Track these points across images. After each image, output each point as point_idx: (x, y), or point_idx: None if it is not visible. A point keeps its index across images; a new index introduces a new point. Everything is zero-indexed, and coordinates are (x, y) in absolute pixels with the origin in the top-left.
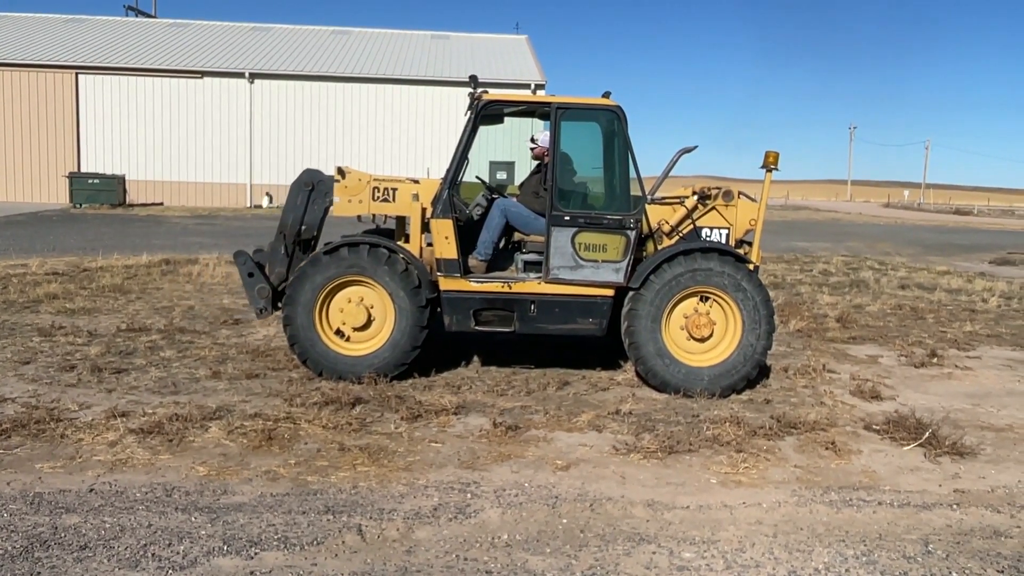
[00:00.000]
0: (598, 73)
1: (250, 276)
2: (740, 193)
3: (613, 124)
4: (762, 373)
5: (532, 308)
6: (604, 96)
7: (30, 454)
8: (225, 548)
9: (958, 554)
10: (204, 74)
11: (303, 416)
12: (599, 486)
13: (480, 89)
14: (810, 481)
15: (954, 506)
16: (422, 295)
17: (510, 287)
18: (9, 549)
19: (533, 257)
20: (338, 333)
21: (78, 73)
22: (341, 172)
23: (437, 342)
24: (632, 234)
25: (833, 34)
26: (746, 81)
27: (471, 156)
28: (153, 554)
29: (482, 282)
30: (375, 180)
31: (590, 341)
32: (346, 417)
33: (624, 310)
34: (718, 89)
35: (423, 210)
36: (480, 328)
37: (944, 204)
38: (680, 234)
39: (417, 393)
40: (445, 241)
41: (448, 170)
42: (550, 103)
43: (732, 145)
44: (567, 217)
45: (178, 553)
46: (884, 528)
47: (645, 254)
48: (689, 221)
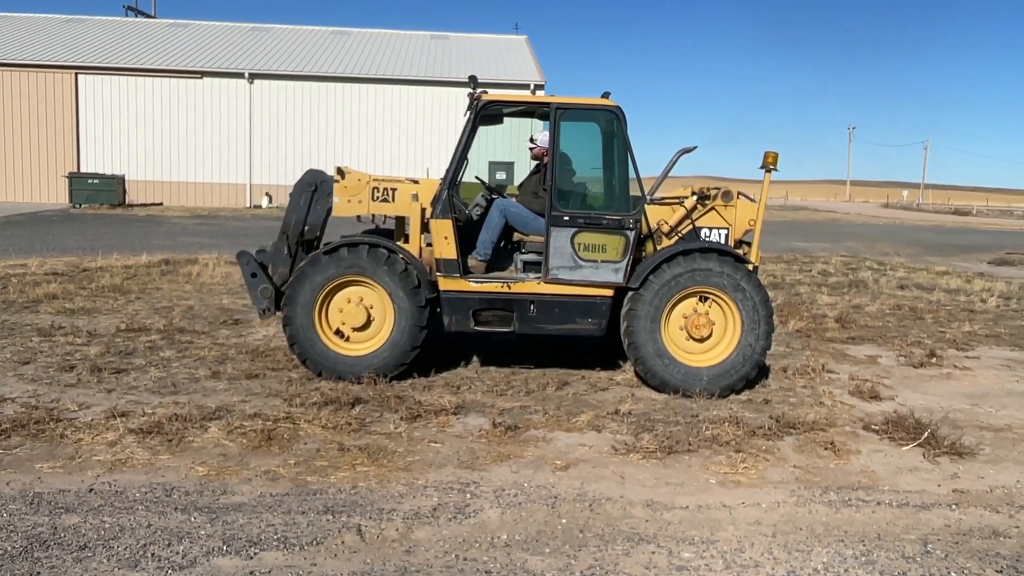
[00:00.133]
0: (597, 73)
1: (253, 276)
2: (739, 193)
3: (612, 124)
4: (761, 373)
5: (531, 308)
6: (603, 96)
7: (29, 454)
8: (224, 548)
9: (957, 554)
10: (204, 74)
11: (302, 416)
12: (598, 486)
13: (479, 89)
14: (809, 481)
15: (953, 506)
16: (421, 295)
17: (509, 287)
18: (8, 549)
19: (532, 257)
20: (338, 333)
21: (78, 73)
22: (341, 172)
23: (436, 342)
24: (631, 234)
25: (832, 34)
26: (745, 81)
27: (470, 156)
28: (153, 554)
29: (481, 282)
30: (375, 180)
31: (589, 341)
32: (345, 417)
33: (623, 310)
34: (717, 90)
35: (422, 210)
36: (479, 328)
37: (943, 204)
38: (679, 234)
39: (416, 393)
40: (444, 241)
41: (447, 170)
42: (549, 103)
43: (730, 144)
44: (566, 217)
45: (177, 553)
46: (883, 528)
47: (644, 254)
48: (688, 221)
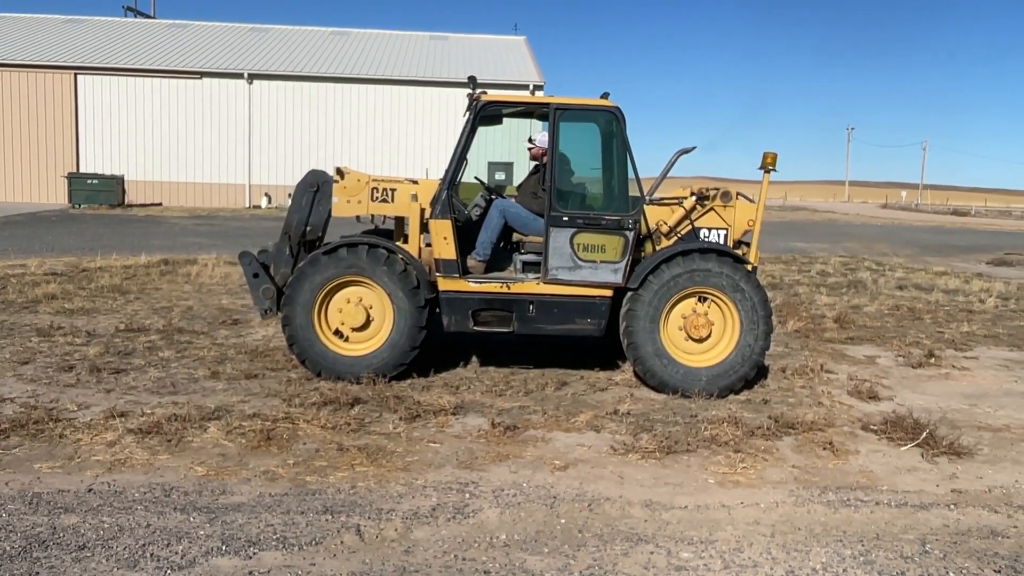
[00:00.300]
0: (597, 74)
1: (255, 277)
2: (738, 194)
3: (612, 125)
4: (760, 373)
5: (531, 308)
6: (603, 97)
7: (28, 454)
8: (224, 548)
9: (955, 554)
10: (203, 75)
11: (302, 416)
12: (597, 486)
13: (479, 90)
14: (808, 481)
15: (951, 506)
16: (421, 295)
17: (509, 287)
18: (7, 549)
19: (532, 258)
20: (337, 333)
21: (77, 73)
22: (340, 173)
23: (436, 342)
24: (630, 235)
25: (831, 35)
26: (744, 82)
27: (470, 157)
28: (152, 554)
29: (481, 282)
30: (374, 180)
31: (588, 341)
32: (345, 417)
33: (622, 310)
34: (716, 90)
35: (422, 211)
36: (479, 328)
37: (942, 205)
38: (678, 235)
39: (416, 393)
40: (444, 242)
41: (447, 171)
42: (549, 104)
43: (730, 143)
44: (566, 218)
45: (176, 553)
46: (881, 528)
47: (643, 255)
48: (687, 222)
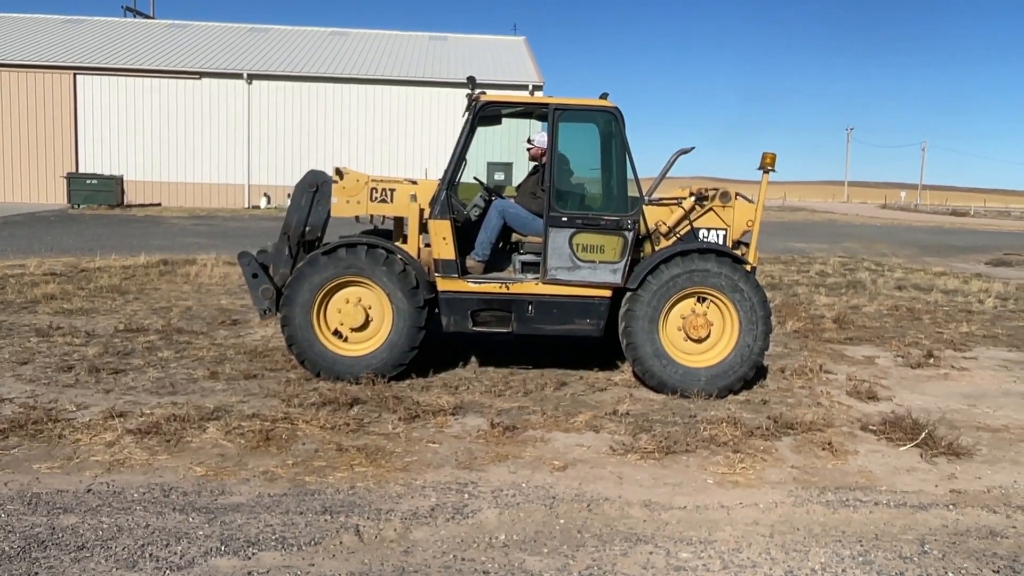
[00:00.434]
0: (596, 74)
1: (254, 277)
2: (737, 194)
3: (611, 125)
4: (759, 374)
5: (530, 309)
6: (602, 97)
7: (28, 454)
8: (223, 548)
9: (954, 554)
10: (202, 75)
11: (301, 416)
12: (596, 486)
13: (478, 90)
14: (807, 481)
15: (950, 506)
16: (420, 296)
17: (508, 288)
18: (6, 549)
19: (531, 258)
20: (336, 334)
21: (76, 74)
22: (339, 173)
23: (435, 343)
24: (630, 235)
25: (831, 35)
26: (743, 82)
27: (469, 157)
28: (151, 554)
29: (480, 283)
30: (373, 181)
31: (588, 342)
32: (344, 417)
33: (622, 311)
34: (716, 91)
35: (421, 211)
36: (478, 329)
37: (941, 205)
38: (677, 235)
39: (415, 394)
40: (443, 242)
41: (446, 171)
42: (548, 104)
43: (729, 144)
44: (565, 218)
45: (176, 553)
46: (880, 528)
47: (642, 255)
48: (686, 222)
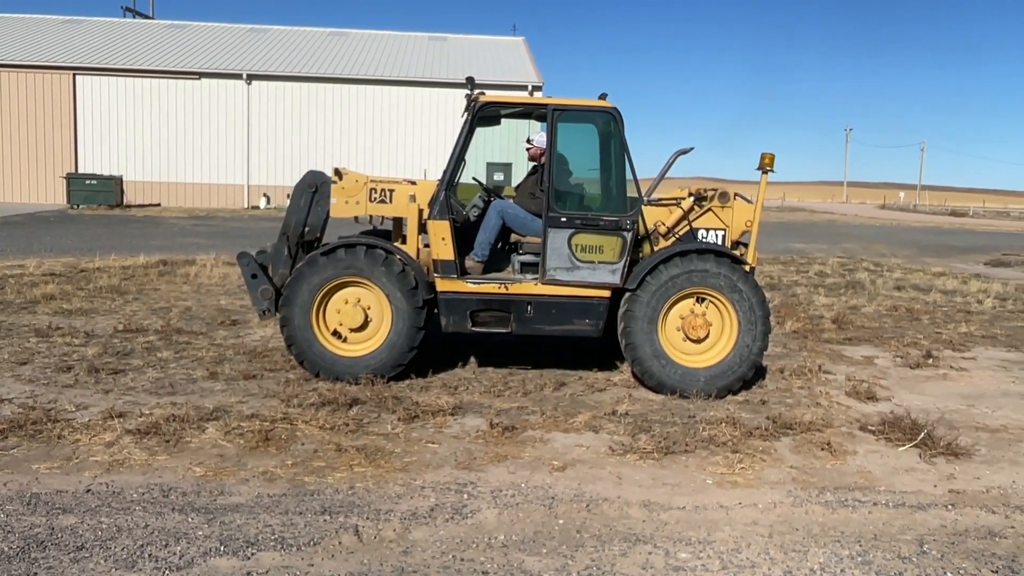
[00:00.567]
0: (595, 75)
1: (253, 277)
2: (736, 194)
3: (610, 126)
4: (758, 374)
5: (529, 309)
6: (601, 98)
7: (27, 455)
8: (222, 549)
9: (953, 554)
10: (202, 75)
11: (300, 417)
12: (595, 487)
13: (477, 91)
14: (806, 482)
15: (949, 506)
16: (419, 296)
17: (507, 288)
18: (6, 550)
19: (530, 258)
20: (335, 334)
21: (76, 74)
22: (338, 173)
23: (434, 343)
24: (628, 235)
25: (829, 36)
26: (743, 83)
27: (468, 157)
28: (150, 555)
29: (479, 283)
30: (372, 181)
31: (587, 342)
32: (343, 418)
33: (621, 311)
34: (715, 91)
35: (420, 211)
36: (477, 329)
37: (940, 206)
38: (676, 235)
39: (414, 394)
40: (442, 242)
41: (445, 171)
42: (547, 105)
43: (728, 144)
44: (564, 218)
45: (175, 554)
46: (879, 528)
47: (641, 255)
48: (685, 222)
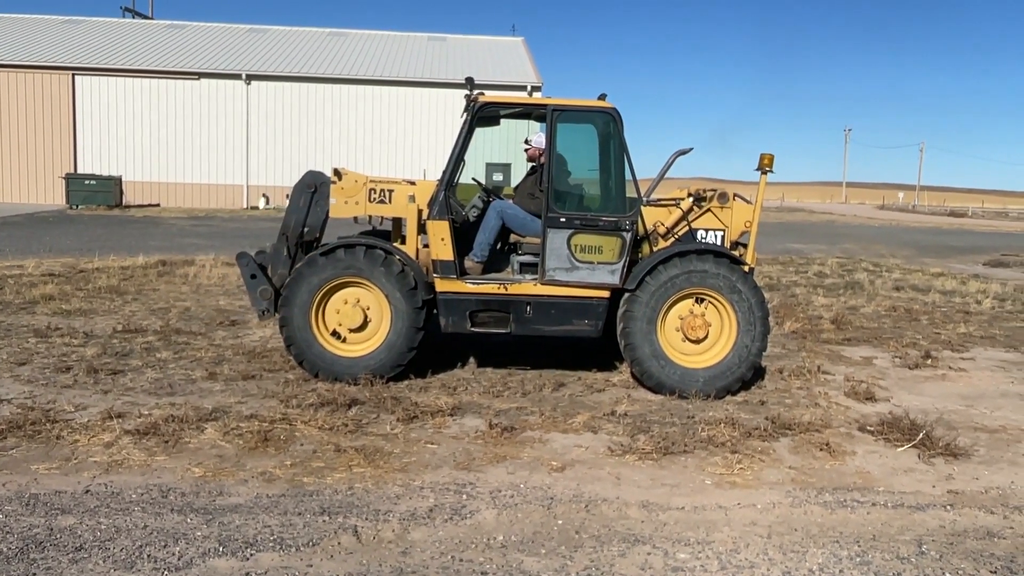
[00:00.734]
0: (594, 75)
1: (252, 278)
2: (735, 195)
3: (609, 126)
4: (757, 374)
5: (528, 309)
6: (600, 98)
7: (26, 455)
8: (221, 549)
9: (952, 555)
10: (201, 75)
11: (299, 417)
12: (594, 487)
13: (476, 91)
14: (804, 482)
15: (948, 507)
16: (418, 296)
17: (506, 289)
18: (4, 550)
19: (529, 259)
20: (334, 334)
21: (75, 74)
22: (338, 173)
23: (433, 344)
24: (628, 236)
25: (828, 37)
26: (742, 84)
27: (467, 158)
28: (149, 555)
29: (478, 284)
30: (371, 181)
31: (586, 342)
32: (342, 418)
33: (620, 311)
34: (714, 92)
35: (419, 212)
36: (476, 329)
37: (938, 206)
38: (676, 236)
39: (413, 394)
40: (441, 243)
41: (444, 172)
42: (546, 105)
43: (727, 145)
44: (563, 219)
45: (174, 554)
46: (878, 529)
47: (641, 256)
48: (684, 223)
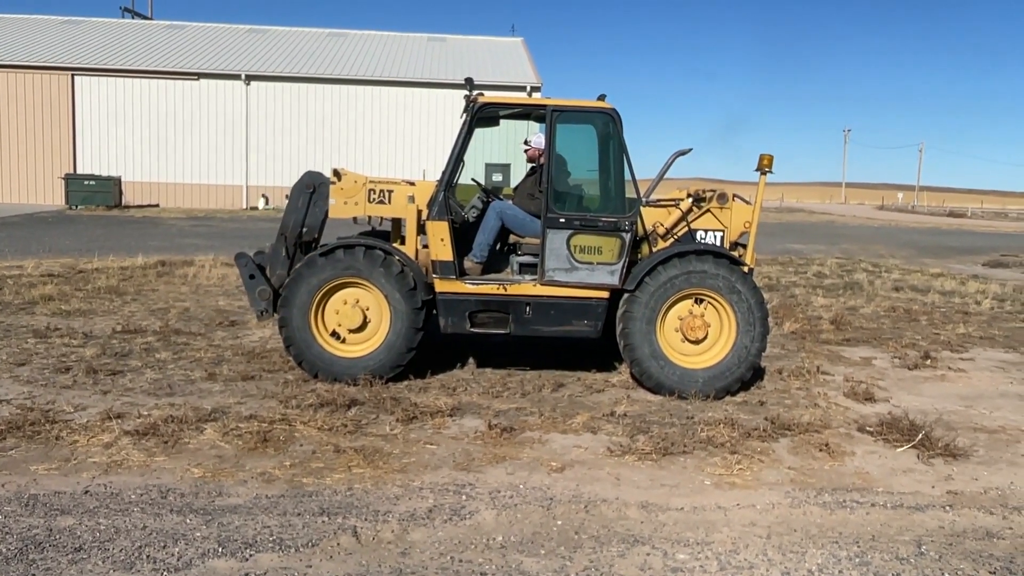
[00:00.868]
0: (594, 76)
1: (251, 278)
2: (734, 195)
3: (608, 127)
4: (756, 375)
5: (527, 310)
6: (599, 99)
7: (25, 456)
8: (220, 550)
9: (951, 555)
10: (200, 76)
11: (298, 418)
12: (594, 488)
13: (476, 91)
14: (804, 483)
15: (947, 507)
16: (418, 297)
17: (505, 289)
18: (4, 551)
19: (528, 259)
20: (334, 335)
21: (74, 74)
22: (337, 174)
23: (432, 344)
24: (627, 236)
25: (828, 37)
26: (741, 84)
27: (467, 158)
28: (148, 556)
29: (477, 284)
30: (371, 182)
31: (585, 343)
32: (341, 419)
33: (619, 312)
34: (713, 92)
35: (419, 212)
36: (475, 330)
37: (938, 206)
38: (675, 236)
39: (412, 395)
40: (441, 243)
41: (444, 172)
42: (545, 105)
43: (726, 146)
44: (562, 219)
45: (173, 555)
46: (877, 529)
47: (640, 256)
48: (684, 223)
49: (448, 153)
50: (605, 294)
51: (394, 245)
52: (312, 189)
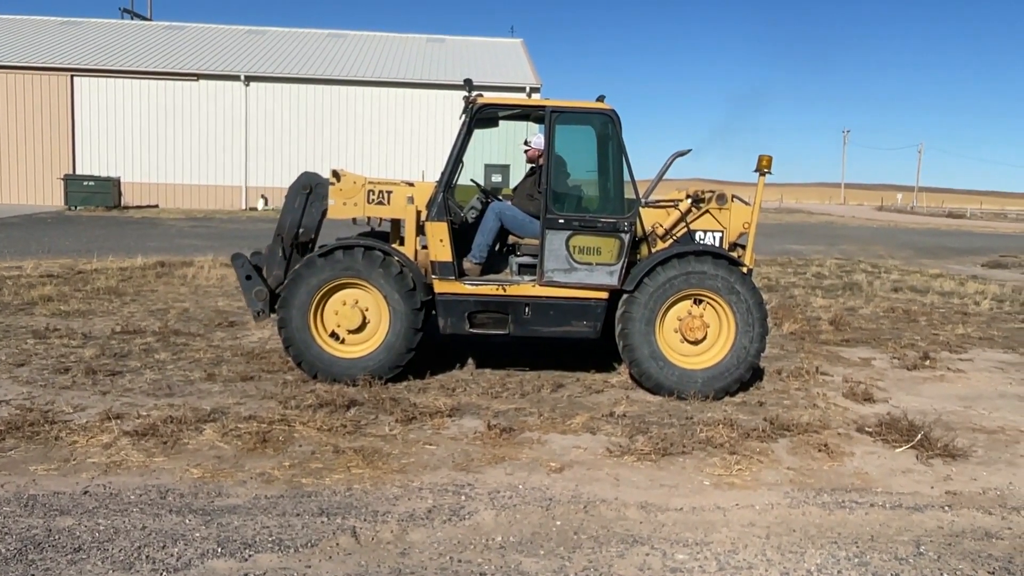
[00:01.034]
0: (593, 76)
1: (248, 279)
2: (734, 196)
3: (607, 127)
4: (755, 375)
5: (526, 311)
6: (598, 100)
7: (24, 456)
8: (219, 550)
9: (949, 555)
10: (199, 76)
11: (298, 418)
12: (593, 488)
13: (475, 92)
14: (803, 483)
15: (946, 508)
16: (417, 298)
17: (505, 290)
18: (3, 551)
19: (527, 260)
20: (333, 335)
21: (73, 75)
22: (336, 175)
23: (432, 345)
24: (626, 237)
25: (827, 38)
26: (741, 84)
27: (466, 159)
28: (147, 556)
29: (477, 285)
30: (370, 183)
31: (584, 344)
32: (341, 419)
33: (618, 313)
34: (713, 92)
35: (418, 213)
36: (475, 331)
37: (937, 207)
38: (674, 237)
39: (412, 395)
40: (440, 244)
41: (443, 173)
42: (545, 106)
43: (725, 147)
44: (561, 220)
45: (172, 555)
46: (876, 530)
47: (639, 257)
48: (683, 224)
49: (447, 154)
50: (604, 295)
51: (393, 246)
52: (308, 190)
